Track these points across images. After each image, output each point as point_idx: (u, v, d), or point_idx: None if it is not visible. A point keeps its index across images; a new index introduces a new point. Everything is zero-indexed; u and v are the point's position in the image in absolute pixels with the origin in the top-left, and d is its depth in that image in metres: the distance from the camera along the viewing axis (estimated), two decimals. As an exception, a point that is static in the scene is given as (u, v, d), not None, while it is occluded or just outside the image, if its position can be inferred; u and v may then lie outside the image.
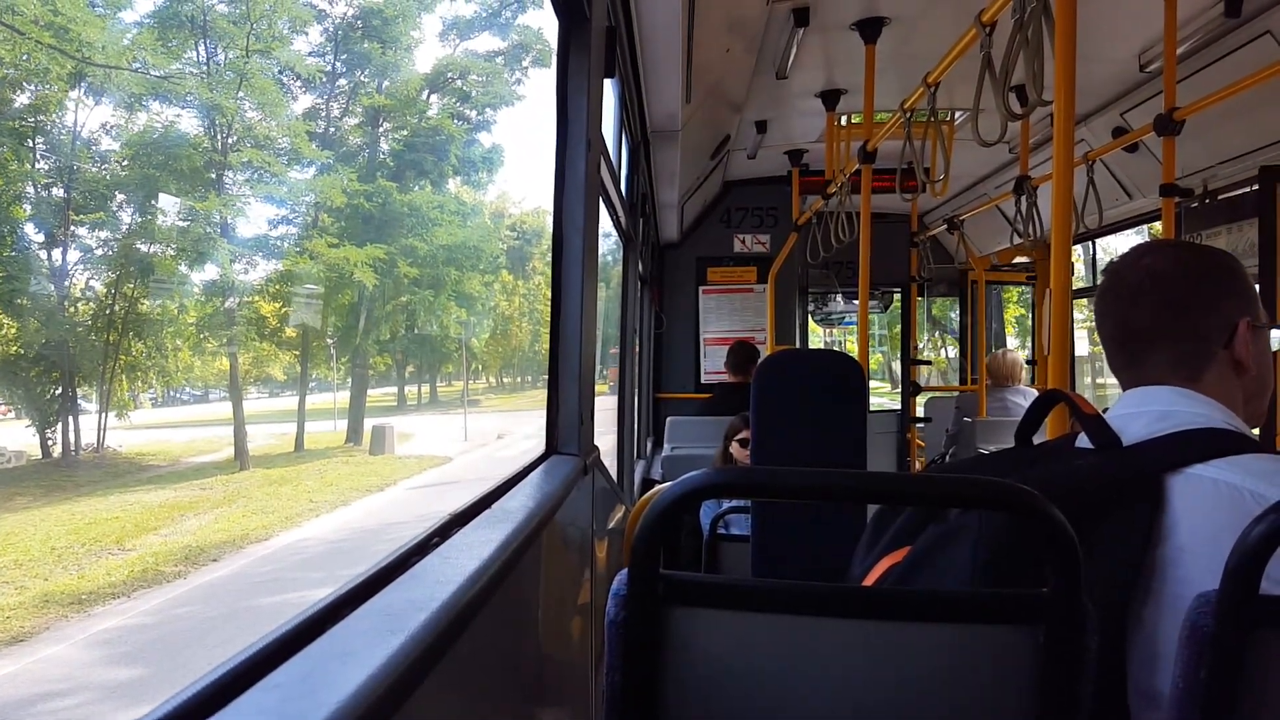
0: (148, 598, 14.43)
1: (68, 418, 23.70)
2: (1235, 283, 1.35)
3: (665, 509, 1.04)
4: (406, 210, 29.85)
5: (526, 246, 41.25)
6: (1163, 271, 1.35)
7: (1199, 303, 1.33)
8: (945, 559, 1.24)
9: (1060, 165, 2.26)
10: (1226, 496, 1.17)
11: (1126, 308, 1.36)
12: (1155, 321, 1.33)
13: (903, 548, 1.34)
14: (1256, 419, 1.36)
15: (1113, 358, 1.41)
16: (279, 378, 38.09)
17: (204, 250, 25.57)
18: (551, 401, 2.20)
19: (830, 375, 2.86)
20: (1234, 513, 1.15)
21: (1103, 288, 1.43)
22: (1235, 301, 1.33)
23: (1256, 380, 1.34)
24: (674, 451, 5.46)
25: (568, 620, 2.02)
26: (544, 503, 1.58)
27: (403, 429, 31.59)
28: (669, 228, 7.27)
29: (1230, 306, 1.33)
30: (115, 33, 24.33)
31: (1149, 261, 1.37)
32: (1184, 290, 1.33)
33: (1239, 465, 1.19)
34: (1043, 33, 2.39)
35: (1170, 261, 1.36)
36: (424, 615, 0.86)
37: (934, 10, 4.08)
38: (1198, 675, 1.04)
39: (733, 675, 1.07)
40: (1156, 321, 1.33)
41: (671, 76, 3.76)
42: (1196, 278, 1.34)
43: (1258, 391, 1.36)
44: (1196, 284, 1.34)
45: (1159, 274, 1.35)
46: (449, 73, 33.09)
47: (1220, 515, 1.16)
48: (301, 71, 29.55)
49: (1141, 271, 1.36)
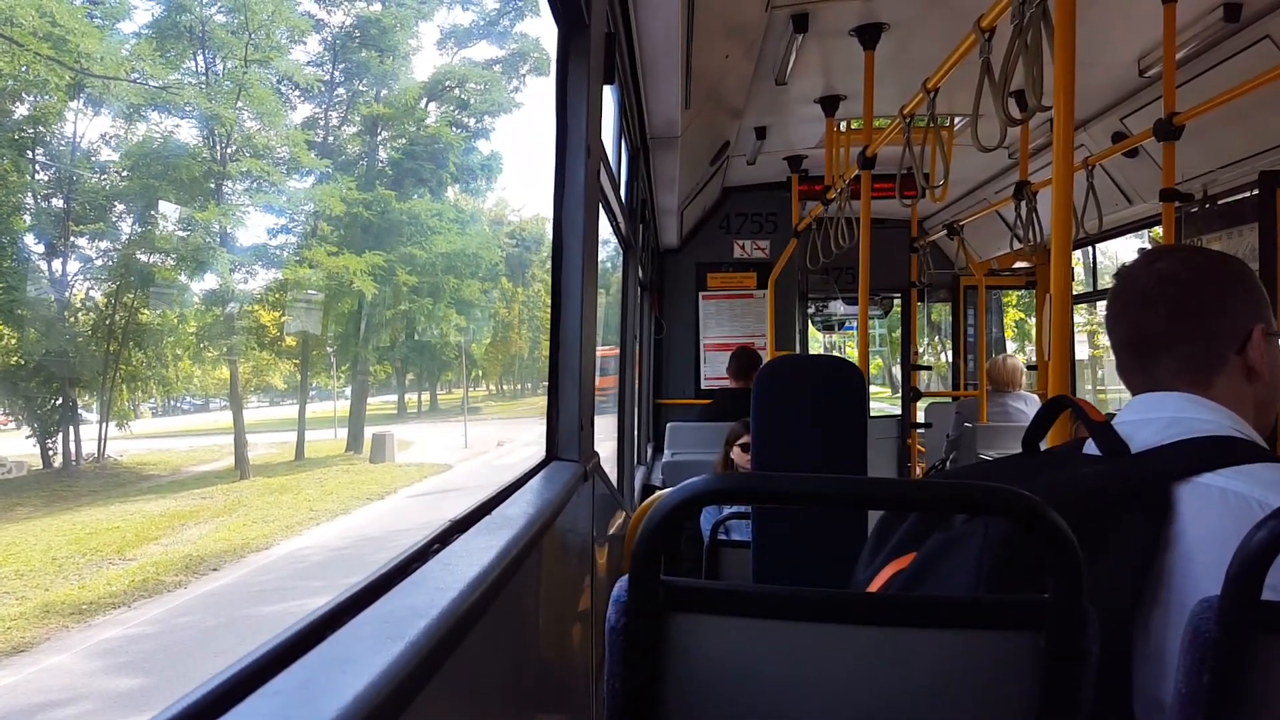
0: (148, 607, 14.42)
1: (68, 427, 23.71)
2: (1249, 289, 1.34)
3: (666, 515, 1.03)
4: (405, 218, 29.91)
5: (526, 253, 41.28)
6: (1177, 276, 1.34)
7: (1213, 307, 1.32)
8: (950, 565, 1.23)
9: (1060, 170, 2.26)
10: (1234, 506, 1.16)
11: (1139, 312, 1.35)
12: (1169, 325, 1.32)
13: (908, 554, 1.33)
14: (1266, 427, 1.35)
15: (1123, 362, 1.39)
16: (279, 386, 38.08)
17: (204, 259, 25.61)
18: (551, 407, 2.20)
19: (831, 381, 2.86)
20: (1241, 522, 1.14)
21: (1114, 292, 1.42)
22: (1249, 307, 1.32)
23: (1268, 387, 1.33)
24: (674, 457, 5.45)
25: (568, 627, 2.02)
26: (544, 509, 1.57)
27: (403, 437, 31.56)
28: (669, 234, 7.28)
29: (1244, 312, 1.32)
30: (114, 43, 24.38)
31: (1162, 266, 1.36)
32: (1198, 294, 1.32)
33: (1247, 474, 1.18)
34: (1042, 38, 2.39)
35: (1184, 266, 1.35)
36: (424, 622, 0.86)
37: (933, 16, 4.09)
38: (1200, 680, 1.04)
39: (734, 682, 1.07)
40: (1170, 326, 1.32)
41: (671, 82, 3.76)
42: (1211, 282, 1.33)
43: (1269, 399, 1.34)
44: (1211, 288, 1.33)
45: (1173, 278, 1.33)
46: (447, 81, 33.18)
47: (1227, 524, 1.15)
48: (300, 81, 29.64)
49: (1155, 275, 1.35)
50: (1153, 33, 3.82)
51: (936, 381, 12.46)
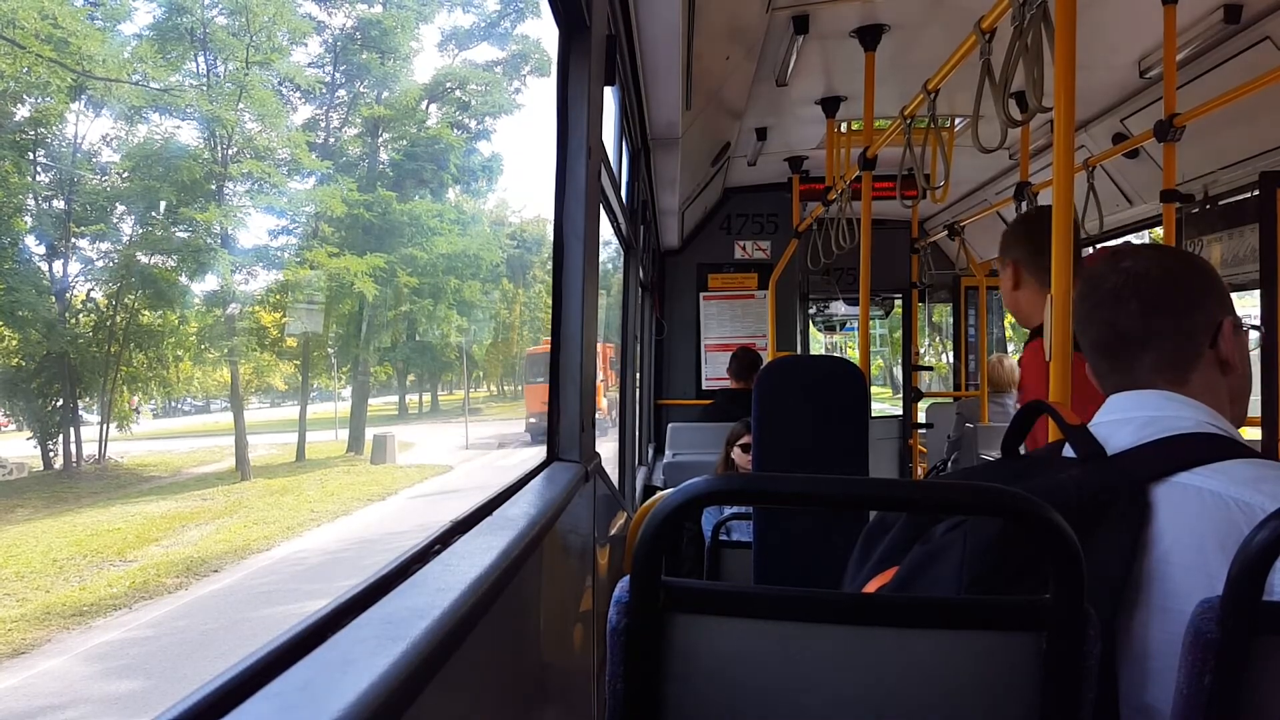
0: (149, 609, 14.41)
1: (69, 429, 23.74)
2: (1214, 283, 1.36)
3: (667, 516, 1.03)
4: (406, 219, 29.93)
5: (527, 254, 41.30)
6: (1147, 273, 1.35)
7: (1185, 303, 1.34)
8: (931, 578, 1.23)
9: (1060, 171, 2.26)
10: (1211, 505, 1.16)
11: (1111, 312, 1.36)
12: (1144, 322, 1.33)
13: (891, 567, 1.33)
14: (1240, 419, 1.36)
15: (1097, 364, 1.41)
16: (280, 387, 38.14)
17: (205, 261, 25.62)
18: (553, 408, 2.20)
19: (831, 381, 2.86)
20: (1218, 521, 1.14)
21: (1081, 294, 1.43)
22: (1217, 301, 1.35)
23: (1240, 378, 1.35)
24: (675, 458, 5.45)
25: (569, 628, 2.02)
26: (545, 510, 1.57)
27: (404, 438, 31.57)
28: (669, 234, 7.28)
29: (1213, 305, 1.34)
30: (115, 45, 24.40)
31: (1129, 265, 1.37)
32: (1169, 291, 1.34)
33: (1224, 472, 1.19)
34: (1042, 39, 2.39)
35: (1151, 264, 1.37)
36: (425, 623, 0.86)
37: (933, 17, 4.09)
38: (1201, 681, 1.04)
39: (735, 682, 1.07)
40: (1145, 323, 1.33)
41: (671, 84, 3.77)
42: (1181, 278, 1.35)
43: (1241, 392, 1.36)
44: (1180, 284, 1.35)
45: (1143, 275, 1.35)
46: (448, 82, 33.21)
47: (1204, 524, 1.15)
48: (301, 83, 29.66)
49: (1123, 275, 1.36)
50: (1153, 34, 3.82)
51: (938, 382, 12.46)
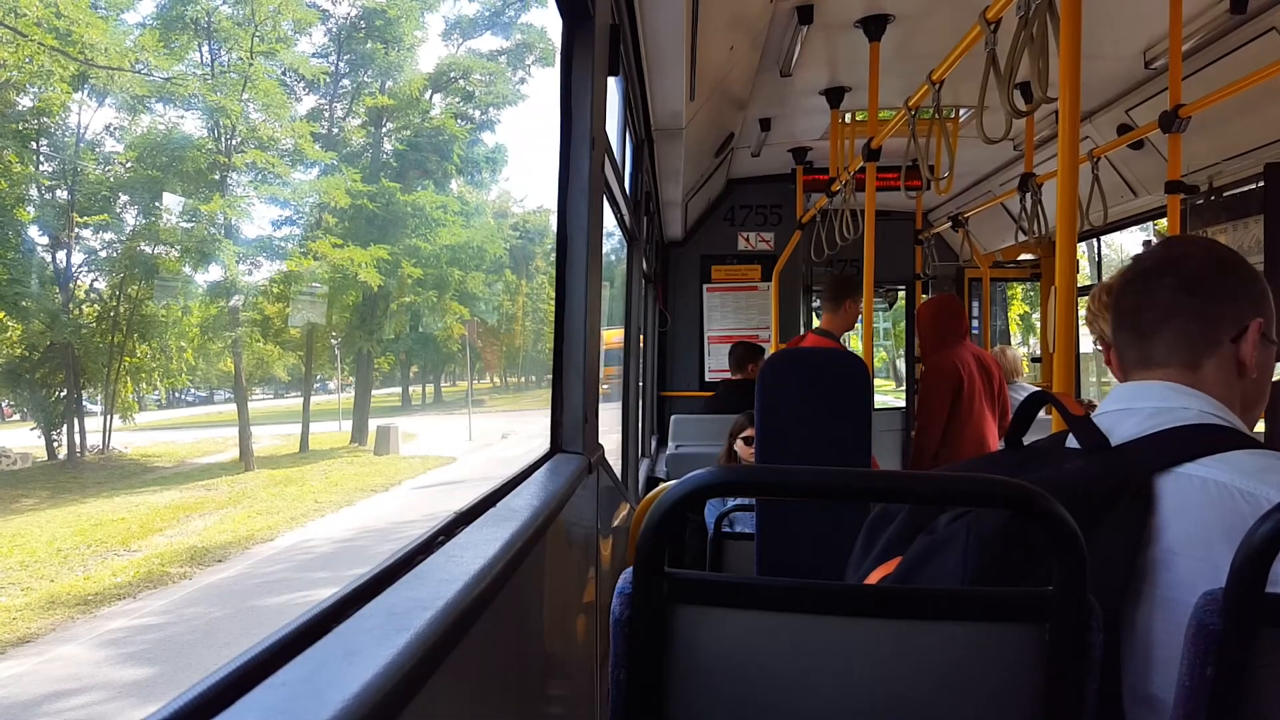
0: (154, 598, 14.45)
1: (73, 419, 23.76)
2: (1256, 286, 1.34)
3: (670, 507, 1.03)
4: (410, 210, 29.90)
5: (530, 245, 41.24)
6: (1188, 256, 1.35)
7: (1219, 291, 1.32)
8: (934, 569, 1.23)
9: (1065, 162, 2.26)
10: (1215, 495, 1.16)
11: (1145, 283, 1.36)
12: (1172, 297, 1.32)
13: (895, 558, 1.33)
14: (1249, 426, 1.35)
15: (1118, 338, 1.40)
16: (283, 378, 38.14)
17: (208, 251, 25.65)
18: (556, 400, 2.20)
19: (835, 373, 2.86)
20: (1223, 512, 1.14)
21: (1122, 271, 1.43)
22: (1252, 304, 1.32)
23: (1255, 386, 1.33)
24: (678, 449, 5.46)
25: (573, 619, 2.02)
26: (549, 501, 1.57)
27: (407, 429, 31.60)
28: (673, 226, 7.27)
29: (1246, 301, 1.32)
30: (118, 34, 24.38)
31: (1176, 247, 1.39)
32: (1206, 275, 1.33)
33: (1228, 462, 1.18)
34: (1047, 30, 2.38)
35: (1198, 249, 1.37)
36: (429, 614, 0.86)
37: (938, 7, 4.07)
38: (1204, 673, 1.04)
39: (738, 673, 1.07)
40: (1174, 297, 1.32)
41: (675, 74, 3.76)
42: (1220, 267, 1.34)
43: (1254, 400, 1.35)
44: (1219, 273, 1.33)
45: (1185, 257, 1.35)
46: (452, 72, 33.14)
47: (1209, 515, 1.15)
48: (305, 73, 29.61)
49: (1167, 253, 1.37)
50: (1158, 24, 3.81)
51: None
